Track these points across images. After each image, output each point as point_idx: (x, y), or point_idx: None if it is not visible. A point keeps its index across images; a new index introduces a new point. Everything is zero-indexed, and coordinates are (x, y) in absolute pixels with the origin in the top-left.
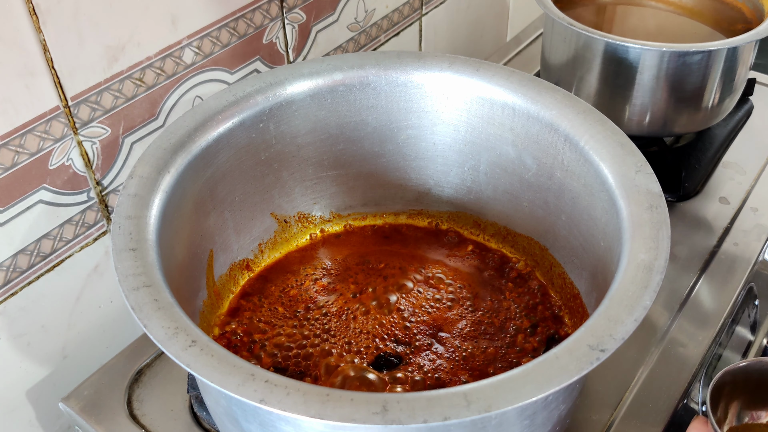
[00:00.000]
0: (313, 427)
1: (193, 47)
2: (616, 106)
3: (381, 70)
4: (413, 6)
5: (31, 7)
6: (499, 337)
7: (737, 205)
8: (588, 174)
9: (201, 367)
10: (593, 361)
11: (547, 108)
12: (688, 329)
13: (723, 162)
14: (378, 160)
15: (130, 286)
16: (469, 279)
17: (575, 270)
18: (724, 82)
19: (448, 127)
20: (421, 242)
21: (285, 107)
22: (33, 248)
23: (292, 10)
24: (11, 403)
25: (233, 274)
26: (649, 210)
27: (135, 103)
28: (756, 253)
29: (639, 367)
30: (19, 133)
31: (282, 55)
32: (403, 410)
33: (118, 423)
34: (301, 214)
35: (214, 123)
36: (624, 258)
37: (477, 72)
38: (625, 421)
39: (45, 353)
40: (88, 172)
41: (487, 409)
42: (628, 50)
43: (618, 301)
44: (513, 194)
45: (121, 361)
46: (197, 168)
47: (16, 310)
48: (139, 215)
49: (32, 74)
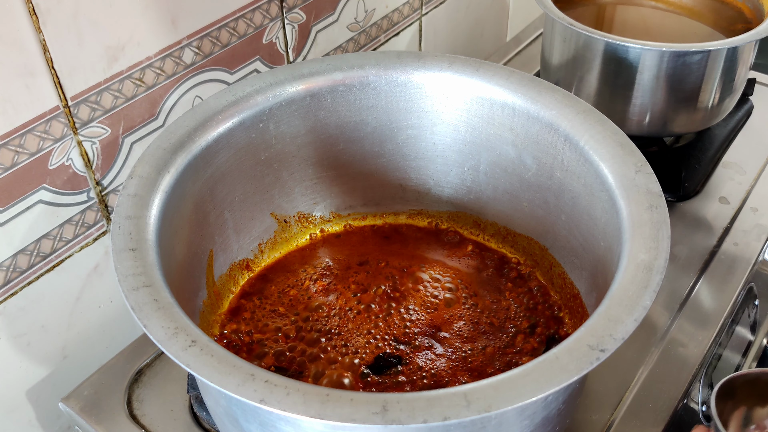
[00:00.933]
0: (313, 427)
1: (193, 47)
2: (616, 106)
3: (381, 70)
4: (413, 6)
5: (31, 7)
6: (498, 337)
7: (737, 205)
8: (588, 174)
9: (201, 367)
10: (593, 361)
11: (546, 108)
12: (688, 329)
13: (723, 162)
14: (378, 160)
15: (130, 286)
16: (469, 279)
17: (575, 270)
18: (724, 82)
19: (448, 127)
20: (421, 242)
21: (285, 107)
22: (33, 248)
23: (292, 10)
24: (11, 403)
25: (233, 274)
26: (649, 210)
27: (135, 103)
28: (756, 253)
29: (639, 367)
30: (19, 133)
31: (282, 55)
32: (403, 410)
33: (118, 423)
34: (301, 214)
35: (214, 123)
36: (624, 258)
37: (477, 72)
38: (625, 421)
39: (45, 353)
40: (88, 172)
41: (487, 409)
42: (628, 50)
43: (618, 301)
44: (513, 194)
45: (121, 361)
46: (197, 168)
47: (16, 310)
48: (139, 215)
49: (32, 74)
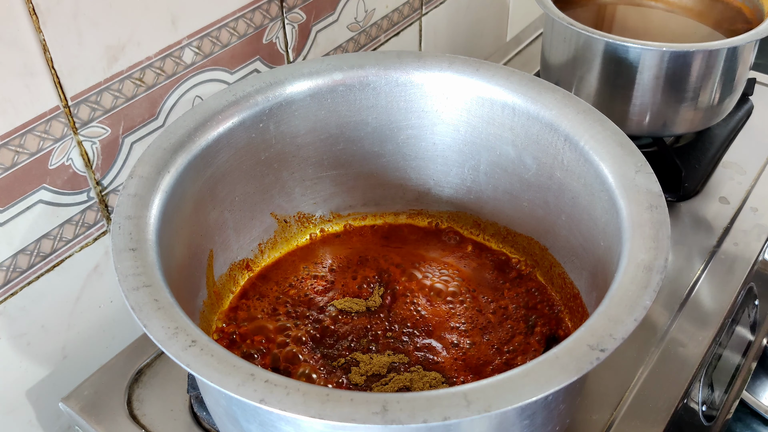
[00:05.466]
0: (312, 426)
1: (193, 47)
2: (616, 106)
3: (381, 70)
4: (413, 6)
5: (31, 7)
6: (498, 336)
7: (737, 205)
8: (588, 174)
9: (201, 367)
10: (593, 360)
11: (547, 108)
12: (688, 329)
13: (723, 162)
14: (378, 160)
15: (130, 286)
16: (469, 279)
17: (575, 270)
18: (724, 82)
19: (448, 127)
20: (421, 242)
21: (285, 107)
22: (33, 248)
23: (292, 10)
24: (11, 403)
25: (233, 273)
26: (649, 210)
27: (135, 103)
28: (756, 253)
29: (639, 367)
30: (19, 133)
31: (282, 55)
32: (403, 410)
33: (118, 423)
34: (301, 213)
35: (214, 123)
36: (624, 258)
37: (477, 72)
38: (625, 421)
39: (45, 353)
40: (88, 172)
41: (487, 408)
42: (628, 50)
43: (618, 301)
44: (513, 194)
45: (120, 361)
46: (197, 168)
47: (16, 310)
48: (139, 215)
49: (32, 74)
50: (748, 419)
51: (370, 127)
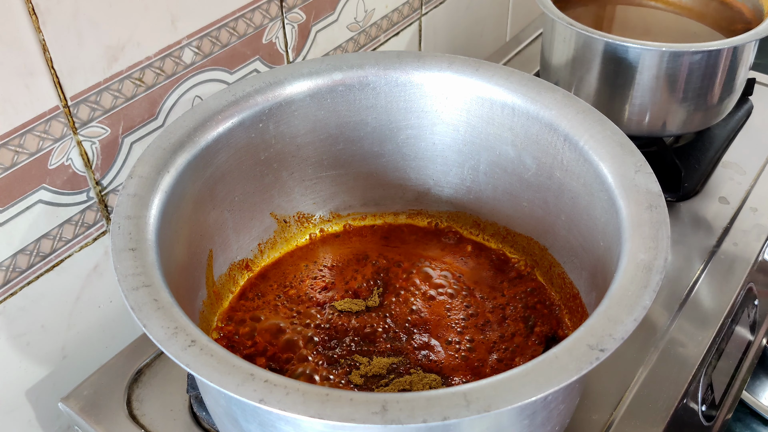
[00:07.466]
0: (312, 426)
1: (192, 47)
2: (615, 106)
3: (381, 70)
4: (413, 6)
5: (31, 7)
6: (498, 336)
7: (737, 205)
8: (587, 174)
9: (200, 367)
10: (593, 361)
11: (546, 108)
12: (688, 329)
13: (723, 162)
14: (377, 160)
15: (129, 286)
16: (469, 278)
17: (575, 270)
18: (724, 82)
19: (448, 127)
20: (421, 242)
21: (284, 107)
22: (32, 248)
23: (291, 10)
24: (11, 403)
25: (233, 273)
26: (649, 210)
27: (134, 103)
28: (756, 253)
29: (639, 367)
30: (18, 132)
31: (282, 55)
32: (403, 410)
33: (118, 423)
34: (301, 214)
35: (214, 123)
36: (623, 258)
37: (477, 72)
38: (625, 421)
39: (44, 353)
40: (88, 172)
41: (486, 408)
42: (628, 50)
43: (617, 301)
44: (513, 194)
45: (120, 361)
46: (197, 168)
47: (16, 310)
48: (138, 215)
49: (32, 74)
50: (748, 419)
51: (370, 127)
